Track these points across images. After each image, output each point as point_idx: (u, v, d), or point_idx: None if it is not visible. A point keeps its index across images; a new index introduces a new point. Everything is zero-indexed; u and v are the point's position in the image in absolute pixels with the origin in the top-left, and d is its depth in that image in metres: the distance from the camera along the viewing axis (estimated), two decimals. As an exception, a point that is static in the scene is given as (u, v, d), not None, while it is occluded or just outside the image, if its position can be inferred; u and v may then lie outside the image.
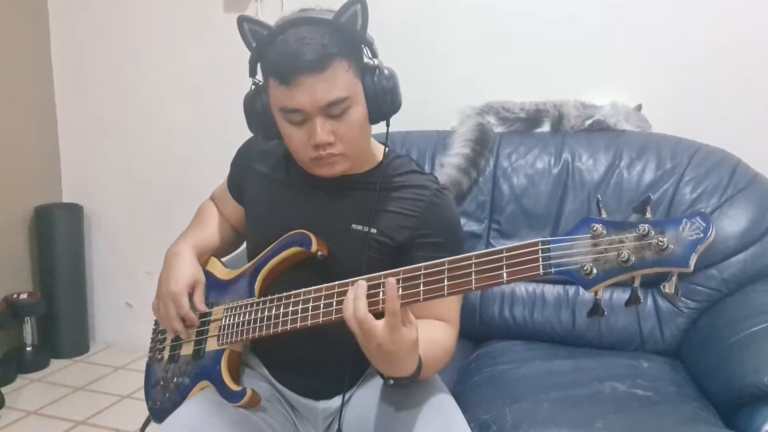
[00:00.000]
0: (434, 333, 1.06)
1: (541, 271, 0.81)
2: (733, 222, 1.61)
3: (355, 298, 0.90)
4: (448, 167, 1.82)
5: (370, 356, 0.93)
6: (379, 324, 0.88)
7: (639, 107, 1.91)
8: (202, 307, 1.17)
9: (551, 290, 1.74)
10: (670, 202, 1.67)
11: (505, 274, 0.84)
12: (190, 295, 1.17)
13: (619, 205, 1.69)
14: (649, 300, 1.66)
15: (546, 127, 1.89)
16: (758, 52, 1.85)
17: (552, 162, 1.79)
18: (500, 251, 0.85)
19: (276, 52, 1.01)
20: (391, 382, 0.96)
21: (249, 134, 1.19)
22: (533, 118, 1.89)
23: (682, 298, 1.63)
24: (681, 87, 1.92)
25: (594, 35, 1.98)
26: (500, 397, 1.35)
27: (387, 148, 1.17)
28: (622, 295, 1.55)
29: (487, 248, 0.90)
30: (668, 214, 1.67)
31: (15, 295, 2.53)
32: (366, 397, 1.14)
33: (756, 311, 1.42)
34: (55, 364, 2.63)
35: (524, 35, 2.04)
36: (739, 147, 1.74)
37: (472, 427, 1.07)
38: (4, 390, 2.31)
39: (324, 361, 1.14)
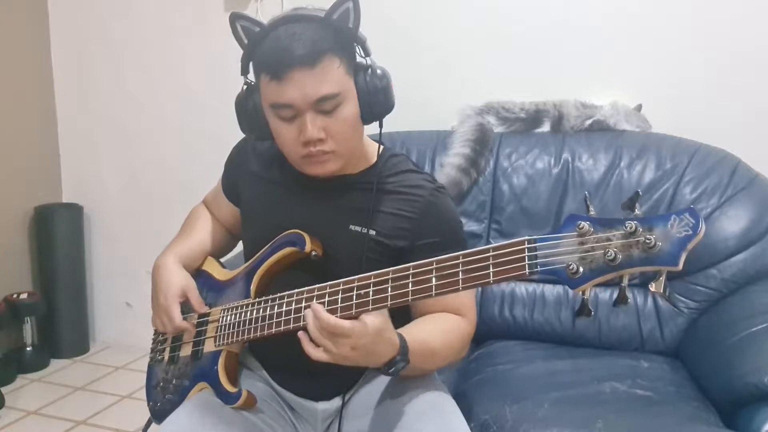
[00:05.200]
0: (443, 324, 1.08)
1: (527, 270, 0.80)
2: (733, 222, 1.61)
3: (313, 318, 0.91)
4: (448, 167, 1.82)
5: (351, 362, 0.93)
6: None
7: (639, 107, 1.91)
8: (202, 309, 1.18)
9: (551, 290, 1.74)
10: (670, 202, 1.67)
11: (491, 274, 0.83)
12: (185, 303, 1.17)
13: (619, 205, 1.68)
14: (649, 300, 1.66)
15: (546, 127, 1.89)
16: (758, 52, 1.84)
17: (552, 162, 1.79)
18: (487, 250, 0.84)
19: (267, 48, 1.01)
20: (391, 370, 0.96)
21: (248, 134, 1.19)
22: (533, 118, 1.89)
23: (682, 298, 1.63)
24: (681, 87, 1.92)
25: (594, 35, 1.98)
26: (500, 397, 1.35)
27: (381, 148, 1.16)
28: (622, 295, 1.55)
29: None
30: (668, 215, 1.67)
31: (15, 295, 2.53)
32: (365, 398, 1.14)
33: (756, 311, 1.42)
34: (55, 364, 2.63)
35: (524, 35, 2.04)
36: (739, 147, 1.74)
37: (472, 427, 1.07)
38: (4, 390, 2.31)
39: (322, 362, 1.14)
